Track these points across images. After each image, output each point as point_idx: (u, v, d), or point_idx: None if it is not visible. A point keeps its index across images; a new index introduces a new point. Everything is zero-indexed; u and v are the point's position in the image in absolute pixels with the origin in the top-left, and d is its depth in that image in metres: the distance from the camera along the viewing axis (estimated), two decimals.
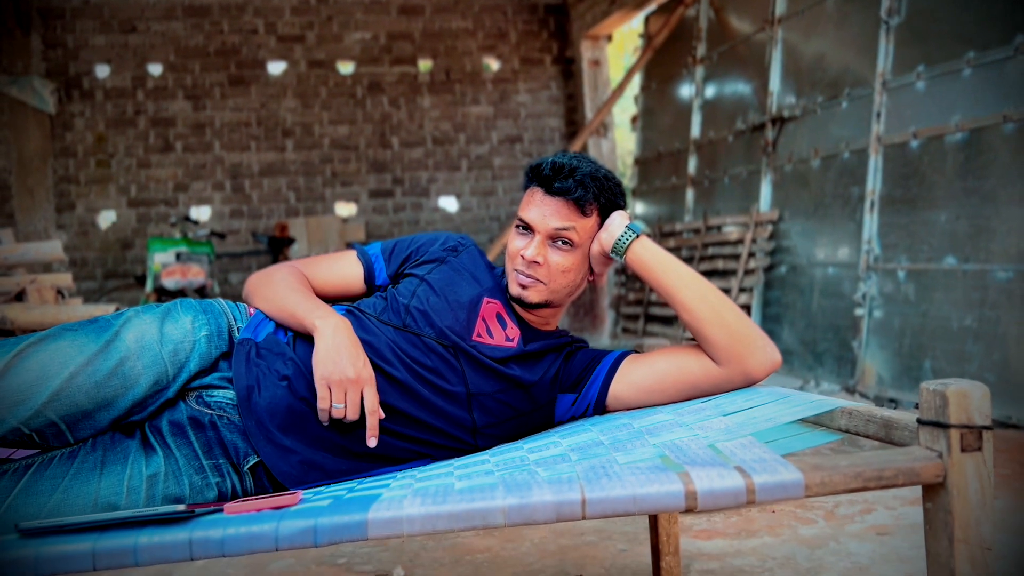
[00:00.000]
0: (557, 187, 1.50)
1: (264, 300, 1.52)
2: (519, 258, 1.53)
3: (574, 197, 1.49)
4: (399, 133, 8.08)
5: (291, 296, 1.49)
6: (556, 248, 1.52)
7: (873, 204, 4.05)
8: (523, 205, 1.56)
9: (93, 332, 1.33)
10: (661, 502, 1.02)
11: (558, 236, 1.51)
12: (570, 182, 1.49)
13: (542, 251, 1.51)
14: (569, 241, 1.52)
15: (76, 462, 1.28)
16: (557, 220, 1.51)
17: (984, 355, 3.34)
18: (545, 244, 1.52)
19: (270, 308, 1.51)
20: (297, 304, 1.47)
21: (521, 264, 1.53)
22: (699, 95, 6.16)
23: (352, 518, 1.00)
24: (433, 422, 1.47)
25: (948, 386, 1.03)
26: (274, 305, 1.50)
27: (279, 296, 1.50)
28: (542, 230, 1.52)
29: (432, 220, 8.17)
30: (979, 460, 1.03)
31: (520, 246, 1.54)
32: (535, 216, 1.52)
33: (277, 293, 1.50)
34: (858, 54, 4.29)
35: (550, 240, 1.52)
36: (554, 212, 1.51)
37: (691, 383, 1.47)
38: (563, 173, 1.50)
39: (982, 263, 3.40)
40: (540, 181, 1.52)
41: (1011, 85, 3.31)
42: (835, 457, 1.06)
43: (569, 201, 1.50)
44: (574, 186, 1.49)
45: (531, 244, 1.52)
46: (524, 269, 1.53)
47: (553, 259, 1.52)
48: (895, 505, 2.38)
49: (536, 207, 1.52)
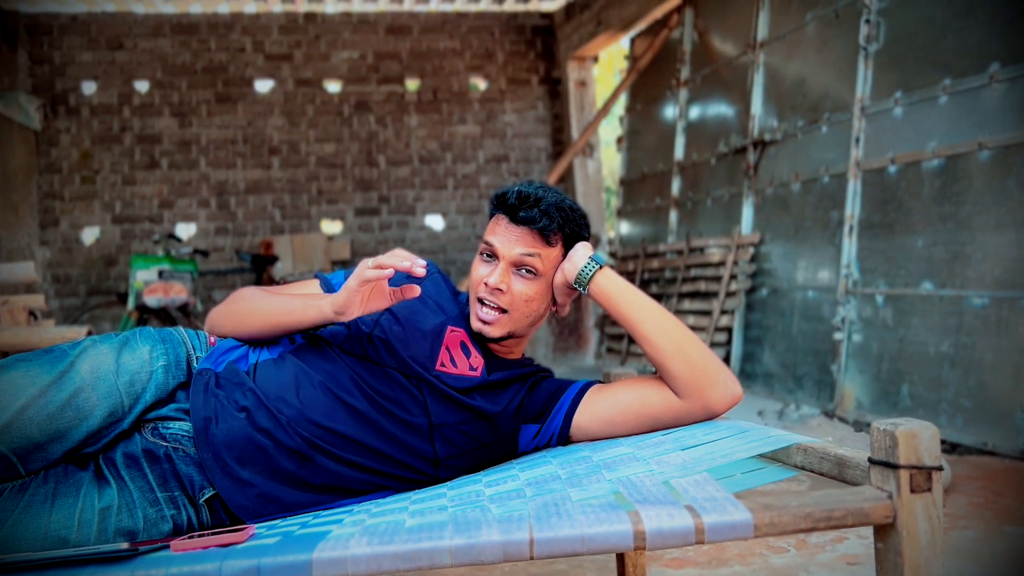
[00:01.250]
0: (522, 216, 1.50)
1: (244, 317, 1.51)
2: (482, 286, 1.53)
3: (539, 226, 1.50)
4: (385, 151, 8.08)
5: (273, 300, 1.50)
6: (520, 276, 1.52)
7: (852, 228, 4.07)
8: (488, 232, 1.56)
9: (47, 363, 1.32)
10: (609, 542, 1.01)
11: (522, 263, 1.51)
12: (535, 211, 1.50)
13: (506, 279, 1.51)
14: (533, 269, 1.52)
15: (27, 495, 1.26)
16: (521, 247, 1.51)
17: (960, 381, 3.35)
18: (509, 271, 1.52)
19: (253, 321, 1.50)
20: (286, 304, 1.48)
21: (484, 291, 1.53)
22: (683, 117, 6.19)
23: (296, 558, 0.99)
24: (394, 454, 1.46)
25: (898, 426, 1.03)
26: (257, 316, 1.50)
27: (260, 306, 1.50)
28: (506, 256, 1.52)
29: (418, 238, 8.17)
30: (928, 501, 1.02)
31: (484, 274, 1.53)
32: (499, 243, 1.52)
33: (264, 304, 1.50)
34: (837, 79, 4.32)
35: (514, 268, 1.52)
36: (518, 239, 1.51)
37: (652, 415, 1.46)
38: (528, 202, 1.50)
39: (958, 289, 3.41)
40: (505, 209, 1.53)
41: (986, 112, 3.34)
42: (786, 496, 1.05)
43: (534, 230, 1.50)
44: (539, 215, 1.49)
45: (495, 271, 1.52)
46: (487, 296, 1.52)
47: (516, 287, 1.52)
48: (866, 534, 2.38)
49: (501, 234, 1.53)
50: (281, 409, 1.41)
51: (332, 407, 1.44)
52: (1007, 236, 3.22)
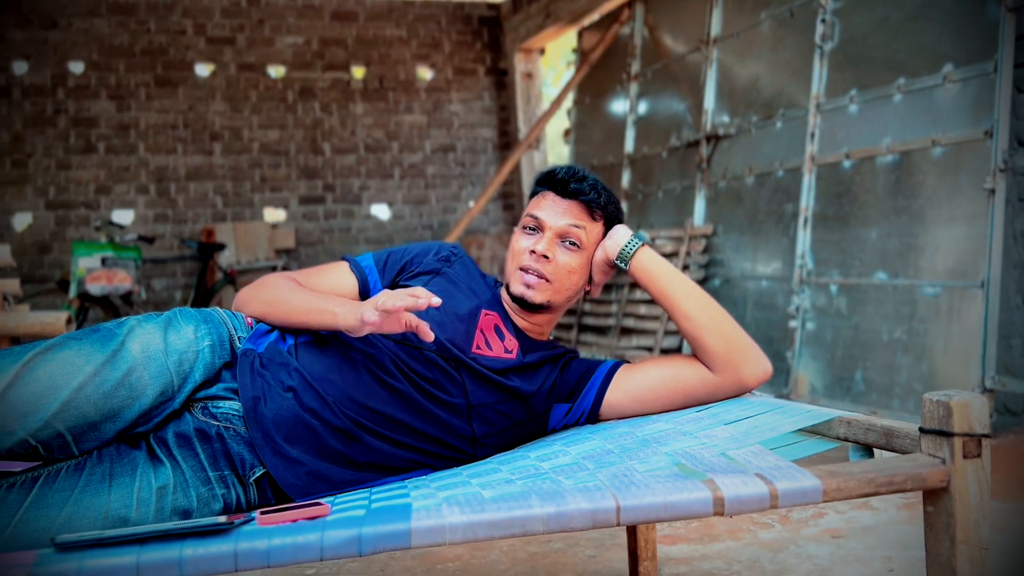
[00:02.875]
0: (573, 188, 1.57)
1: (270, 305, 1.50)
2: (526, 255, 1.57)
3: (587, 199, 1.57)
4: (331, 139, 8.00)
5: (301, 296, 1.49)
6: (564, 248, 1.58)
7: (806, 221, 4.23)
8: (532, 206, 1.62)
9: (98, 342, 1.30)
10: (691, 509, 1.07)
11: (568, 235, 1.57)
12: (584, 184, 1.57)
13: (552, 248, 1.56)
14: (577, 242, 1.58)
15: (84, 475, 1.25)
16: (569, 218, 1.57)
17: (913, 366, 3.53)
18: (555, 242, 1.57)
19: (279, 310, 1.49)
20: (311, 301, 1.46)
21: (528, 259, 1.57)
22: (633, 111, 6.30)
23: (396, 527, 1.01)
24: (434, 432, 1.49)
25: (951, 397, 1.11)
26: (283, 307, 1.48)
27: (287, 298, 1.49)
28: (553, 227, 1.57)
29: (364, 228, 8.11)
30: (979, 466, 1.11)
31: (528, 244, 1.58)
32: (546, 215, 1.58)
33: (286, 296, 1.49)
34: (793, 77, 4.47)
35: (559, 239, 1.58)
36: (566, 211, 1.58)
37: (686, 391, 1.53)
38: (577, 177, 1.58)
39: (911, 279, 3.59)
40: (553, 185, 1.59)
41: (939, 111, 3.51)
42: (848, 464, 1.12)
43: (581, 203, 1.58)
44: (588, 188, 1.57)
45: (541, 239, 1.57)
46: (532, 263, 1.57)
47: (561, 258, 1.57)
48: (844, 510, 2.50)
49: (548, 207, 1.59)
50: (326, 390, 1.42)
51: (375, 388, 1.46)
52: (958, 229, 3.40)
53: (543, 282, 1.58)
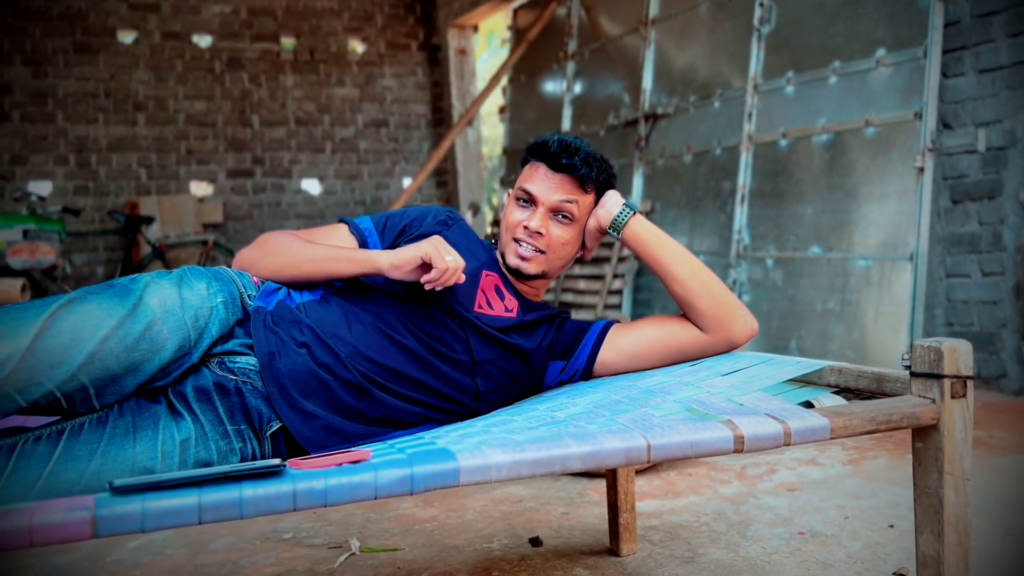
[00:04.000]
0: (564, 163, 1.60)
1: (284, 263, 1.52)
2: (520, 228, 1.62)
3: (579, 174, 1.61)
4: (260, 112, 7.84)
5: (318, 249, 1.52)
6: (557, 221, 1.63)
7: (743, 198, 4.39)
8: (524, 178, 1.66)
9: (116, 296, 1.30)
10: (714, 446, 1.15)
11: (560, 209, 1.62)
12: (576, 159, 1.61)
13: (545, 223, 1.61)
14: (570, 215, 1.63)
15: (108, 428, 1.25)
16: (561, 194, 1.61)
17: (845, 335, 3.72)
18: (547, 217, 1.62)
19: (297, 265, 1.52)
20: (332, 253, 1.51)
21: (523, 234, 1.62)
22: (570, 90, 6.38)
23: (446, 466, 1.06)
24: (440, 388, 1.53)
25: (942, 343, 1.22)
26: (301, 261, 1.51)
27: (307, 252, 1.52)
28: (545, 202, 1.62)
29: (294, 202, 8.00)
30: (964, 405, 1.22)
31: (522, 218, 1.63)
32: (538, 190, 1.62)
33: (303, 251, 1.52)
34: (730, 58, 4.62)
35: (552, 213, 1.62)
36: (558, 186, 1.62)
37: (678, 348, 1.61)
38: (569, 151, 1.61)
39: (844, 252, 3.78)
40: (545, 157, 1.63)
41: (872, 93, 3.69)
42: (850, 406, 1.23)
43: (573, 177, 1.61)
44: (580, 163, 1.61)
45: (535, 215, 1.61)
46: (526, 238, 1.62)
47: (554, 232, 1.62)
48: (794, 466, 2.65)
49: (541, 181, 1.62)
50: (338, 346, 1.46)
51: (384, 345, 1.49)
52: (889, 205, 3.59)
53: (538, 255, 1.63)
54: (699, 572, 1.82)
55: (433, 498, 2.49)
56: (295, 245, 1.55)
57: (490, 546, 2.07)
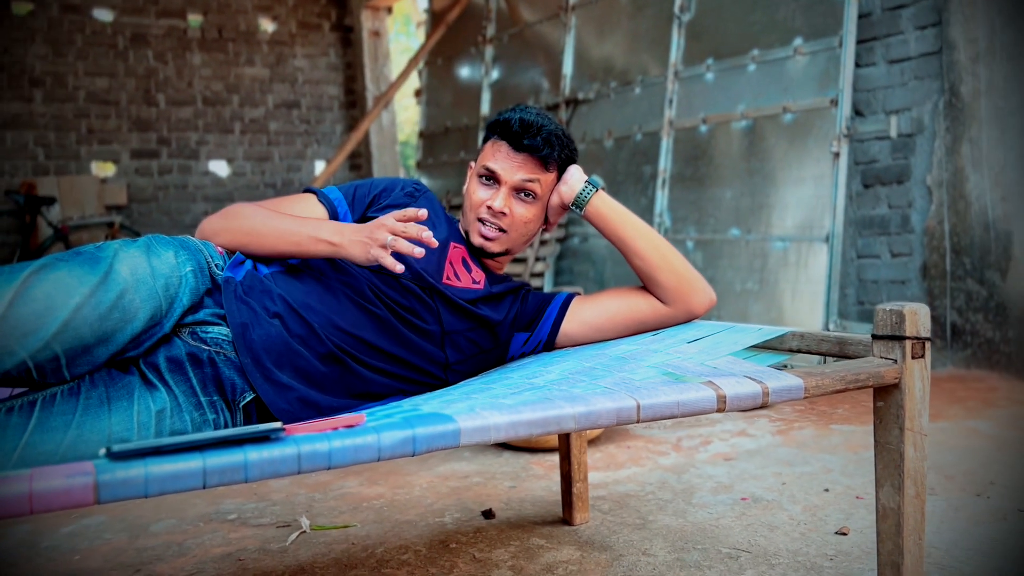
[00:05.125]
0: (526, 143, 1.61)
1: (246, 235, 1.47)
2: (483, 208, 1.63)
3: (541, 155, 1.62)
4: (166, 90, 7.56)
5: (284, 222, 1.47)
6: (519, 200, 1.64)
7: (664, 182, 4.50)
8: (486, 156, 1.66)
9: (86, 263, 1.25)
10: (698, 406, 1.19)
11: (523, 188, 1.63)
12: (538, 140, 1.61)
13: (508, 202, 1.62)
14: (532, 193, 1.64)
15: (81, 399, 1.21)
16: (523, 173, 1.63)
17: (763, 313, 3.87)
18: (510, 196, 1.63)
19: (259, 240, 1.47)
20: (297, 226, 1.46)
21: (486, 213, 1.63)
22: (488, 74, 6.39)
23: (446, 427, 1.07)
24: (411, 359, 1.53)
25: (903, 307, 1.29)
26: (264, 236, 1.46)
27: (268, 226, 1.47)
28: (508, 182, 1.63)
29: (202, 184, 7.75)
30: (922, 364, 1.30)
31: (485, 197, 1.64)
32: (501, 169, 1.63)
33: (265, 223, 1.47)
34: (651, 45, 4.71)
35: (514, 192, 1.64)
36: (520, 166, 1.63)
37: (639, 319, 1.65)
38: (532, 131, 1.61)
39: (762, 234, 3.93)
40: (508, 136, 1.63)
41: (790, 81, 3.84)
42: (819, 367, 1.29)
43: (535, 157, 1.62)
44: (542, 144, 1.61)
45: (497, 195, 1.62)
46: (489, 218, 1.63)
47: (517, 210, 1.64)
48: (727, 437, 2.75)
49: (503, 160, 1.63)
50: (311, 316, 1.44)
51: (356, 315, 1.48)
52: (806, 188, 3.75)
53: (501, 234, 1.65)
54: (652, 537, 1.88)
55: (377, 476, 2.47)
56: (261, 219, 1.51)
57: (443, 520, 2.08)
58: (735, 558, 1.74)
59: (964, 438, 2.64)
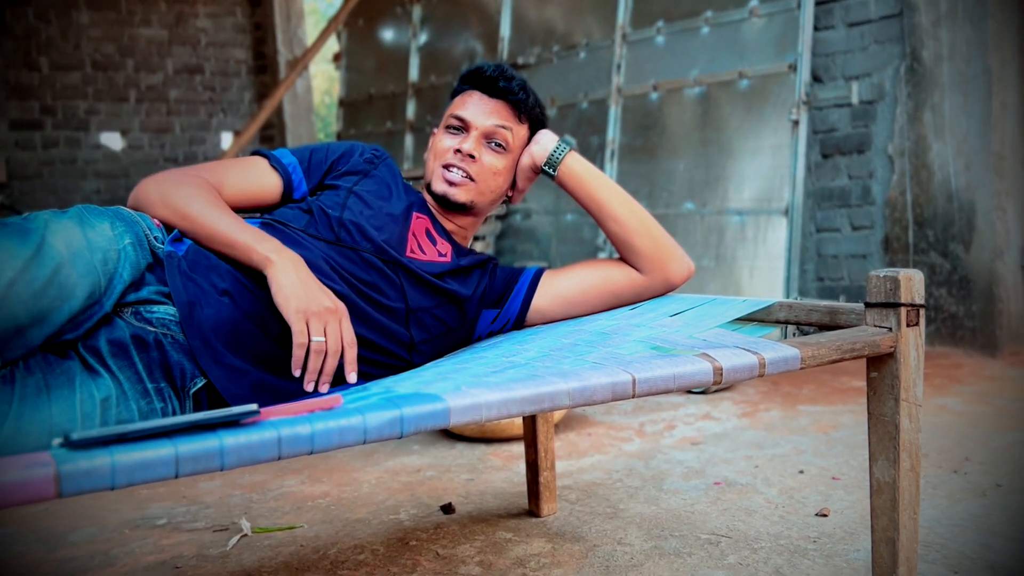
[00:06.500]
0: (501, 87, 1.65)
1: (182, 218, 1.44)
2: (450, 153, 1.64)
3: (515, 99, 1.65)
4: (49, 53, 7.28)
5: (222, 219, 1.42)
6: (490, 149, 1.66)
7: (613, 153, 4.56)
8: (456, 106, 1.68)
9: (15, 235, 1.21)
10: (695, 378, 1.22)
11: (494, 135, 1.65)
12: (513, 84, 1.66)
13: (478, 147, 1.64)
14: (503, 143, 1.66)
15: (17, 387, 1.17)
16: (496, 119, 1.65)
17: (720, 291, 3.96)
18: (480, 142, 1.65)
19: (192, 227, 1.43)
20: (235, 231, 1.41)
21: (454, 158, 1.64)
22: (416, 37, 6.35)
23: (435, 407, 1.07)
24: (375, 339, 1.53)
25: (898, 272, 1.35)
26: (198, 226, 1.42)
27: (205, 216, 1.42)
28: (479, 127, 1.65)
29: (92, 159, 7.51)
30: (917, 332, 1.36)
31: (452, 143, 1.65)
32: (472, 115, 1.65)
33: (201, 212, 1.43)
34: (596, 6, 4.75)
35: (485, 139, 1.66)
36: (493, 111, 1.66)
37: (614, 291, 1.68)
38: (506, 75, 1.66)
39: (718, 208, 4.01)
40: (480, 83, 1.66)
41: (746, 45, 3.93)
42: (814, 336, 1.34)
43: (509, 103, 1.66)
44: (516, 88, 1.66)
45: (468, 139, 1.64)
46: (456, 162, 1.64)
47: (486, 159, 1.66)
48: (691, 421, 2.82)
49: (475, 106, 1.66)
50: (263, 294, 1.42)
51: None
52: (764, 159, 3.85)
53: (468, 182, 1.66)
54: (626, 526, 1.92)
55: (319, 473, 2.46)
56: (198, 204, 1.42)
57: (398, 517, 2.08)
58: (715, 544, 1.80)
59: (933, 416, 2.76)
